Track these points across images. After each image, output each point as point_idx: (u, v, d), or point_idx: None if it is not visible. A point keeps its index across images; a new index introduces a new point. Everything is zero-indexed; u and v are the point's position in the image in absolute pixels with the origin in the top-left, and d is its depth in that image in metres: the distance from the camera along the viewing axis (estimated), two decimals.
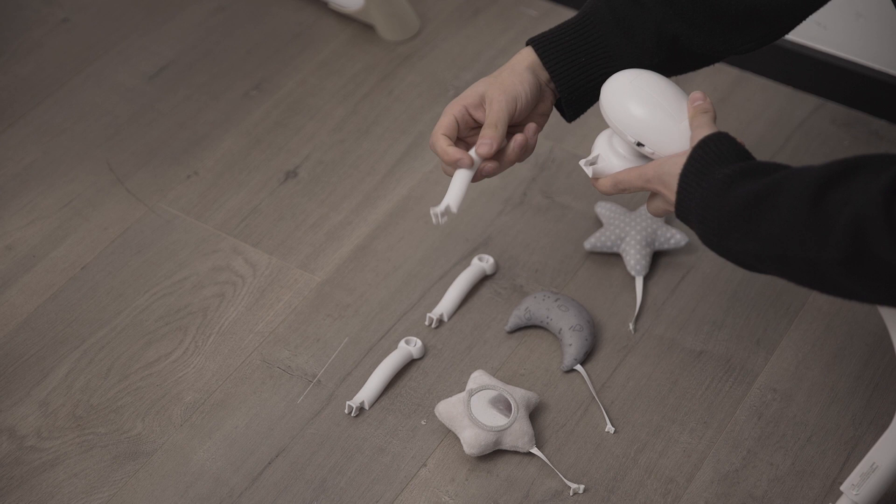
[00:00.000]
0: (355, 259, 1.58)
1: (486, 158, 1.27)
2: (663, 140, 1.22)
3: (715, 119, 1.21)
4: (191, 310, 1.52)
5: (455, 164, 1.26)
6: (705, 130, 1.19)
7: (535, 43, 1.29)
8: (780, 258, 1.10)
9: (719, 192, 1.14)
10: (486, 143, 1.26)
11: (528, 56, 1.29)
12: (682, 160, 1.18)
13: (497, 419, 1.38)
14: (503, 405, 1.39)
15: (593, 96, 1.30)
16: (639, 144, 1.23)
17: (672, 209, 1.21)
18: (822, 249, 1.05)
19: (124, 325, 1.51)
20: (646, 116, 1.22)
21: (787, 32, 1.31)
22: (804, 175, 1.08)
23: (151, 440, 1.40)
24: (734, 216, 1.12)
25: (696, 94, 1.23)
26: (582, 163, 1.27)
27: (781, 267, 1.11)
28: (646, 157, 1.25)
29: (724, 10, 1.27)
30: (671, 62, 1.30)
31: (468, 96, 1.29)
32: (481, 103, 1.28)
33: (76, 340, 1.49)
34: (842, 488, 1.29)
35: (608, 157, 1.27)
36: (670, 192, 1.19)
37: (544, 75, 1.29)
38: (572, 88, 1.29)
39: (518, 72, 1.28)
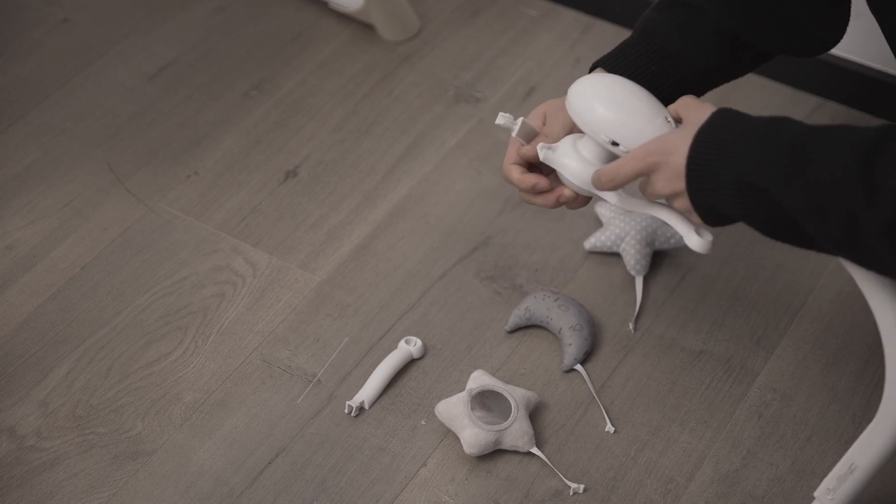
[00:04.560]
0: (355, 259, 1.58)
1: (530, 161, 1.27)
2: (639, 137, 1.18)
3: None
4: (191, 310, 1.52)
5: (533, 190, 1.27)
6: (707, 106, 1.17)
7: (604, 64, 1.29)
8: (817, 206, 1.05)
9: (762, 129, 1.09)
10: (535, 147, 1.26)
11: None
12: (693, 126, 1.13)
13: (497, 419, 1.38)
14: (503, 405, 1.39)
15: (665, 105, 1.26)
16: (614, 143, 1.20)
17: (676, 184, 1.14)
18: (868, 205, 1.02)
19: (124, 324, 1.51)
20: (620, 115, 1.19)
21: (829, 46, 1.32)
22: (856, 130, 1.05)
23: (151, 440, 1.40)
24: (781, 150, 1.07)
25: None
26: (539, 146, 1.25)
27: (815, 218, 1.06)
28: (611, 159, 1.23)
29: (777, 8, 1.27)
30: (735, 60, 1.30)
31: (531, 118, 1.29)
32: (544, 123, 1.29)
33: (76, 340, 1.49)
34: (815, 494, 1.25)
35: (566, 152, 1.24)
36: (678, 155, 1.13)
37: None
38: None
39: None
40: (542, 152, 1.25)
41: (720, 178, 1.11)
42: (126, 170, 1.68)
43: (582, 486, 1.36)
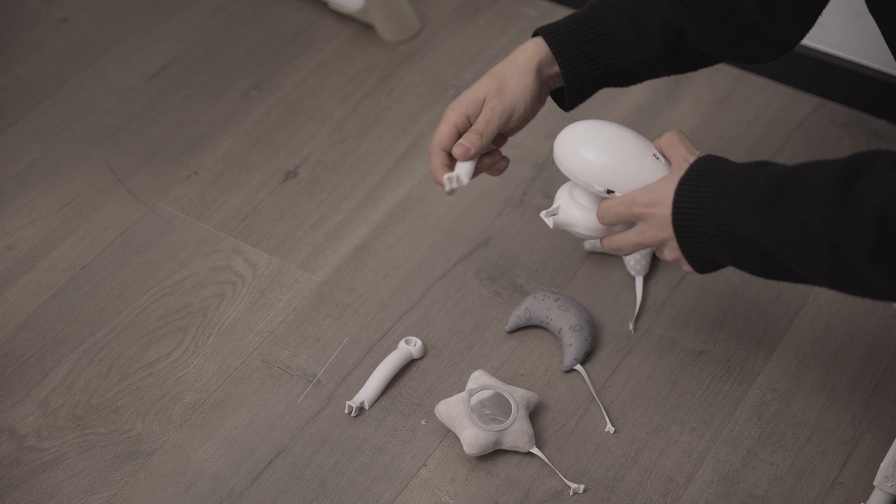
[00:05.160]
0: (355, 259, 1.58)
1: (461, 159, 1.29)
2: (633, 182, 1.23)
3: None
4: (191, 310, 1.52)
5: (440, 184, 1.30)
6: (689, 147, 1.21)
7: (544, 32, 1.30)
8: (801, 243, 1.08)
9: (740, 177, 1.12)
10: (464, 145, 1.29)
11: (536, 51, 1.29)
12: (676, 176, 1.18)
13: (497, 419, 1.38)
14: (503, 405, 1.39)
15: (595, 86, 1.32)
16: (609, 192, 1.24)
17: (664, 232, 1.19)
18: (849, 235, 1.04)
19: (124, 325, 1.51)
20: (611, 163, 1.24)
21: (785, 50, 1.33)
22: (827, 164, 1.08)
23: (151, 440, 1.40)
24: (759, 196, 1.10)
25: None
26: (542, 214, 1.30)
27: (800, 256, 1.09)
28: None
29: (733, 12, 1.27)
30: (675, 58, 1.31)
31: (469, 104, 1.30)
32: (481, 110, 1.30)
33: (76, 340, 1.49)
34: (875, 483, 1.28)
35: (569, 208, 1.29)
36: (663, 206, 1.18)
37: (549, 71, 1.30)
38: (577, 76, 1.30)
39: (522, 77, 1.29)
40: (549, 220, 1.29)
41: (704, 230, 1.15)
42: (126, 170, 1.68)
43: (582, 487, 1.36)
